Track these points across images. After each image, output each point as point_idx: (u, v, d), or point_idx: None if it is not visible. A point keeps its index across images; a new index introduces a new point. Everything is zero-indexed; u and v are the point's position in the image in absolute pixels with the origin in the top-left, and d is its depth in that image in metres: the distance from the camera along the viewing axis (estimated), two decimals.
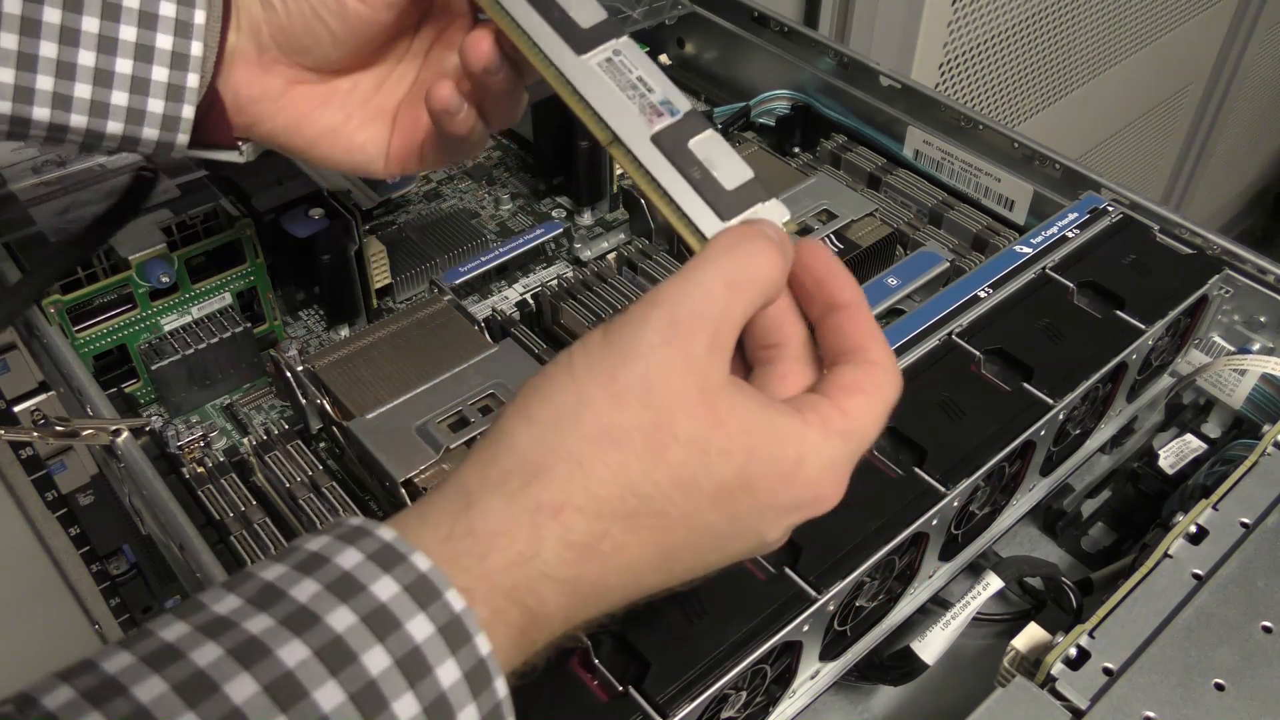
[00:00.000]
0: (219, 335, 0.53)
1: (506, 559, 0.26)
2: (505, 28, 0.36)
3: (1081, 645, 0.39)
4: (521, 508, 0.27)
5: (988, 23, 1.18)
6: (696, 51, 0.77)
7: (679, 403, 0.27)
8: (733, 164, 0.33)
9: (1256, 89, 1.85)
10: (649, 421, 0.27)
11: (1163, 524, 0.47)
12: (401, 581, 0.24)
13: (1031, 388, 0.46)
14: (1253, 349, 0.55)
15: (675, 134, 0.33)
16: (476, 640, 0.25)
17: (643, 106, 0.34)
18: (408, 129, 0.41)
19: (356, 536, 0.25)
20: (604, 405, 0.27)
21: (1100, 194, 0.57)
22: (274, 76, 0.40)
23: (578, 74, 0.35)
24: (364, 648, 0.23)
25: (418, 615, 0.24)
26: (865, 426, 0.30)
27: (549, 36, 0.35)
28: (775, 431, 0.28)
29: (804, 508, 0.30)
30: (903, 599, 0.45)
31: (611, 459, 0.27)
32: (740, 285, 0.29)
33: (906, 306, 0.55)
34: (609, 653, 0.36)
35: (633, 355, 0.27)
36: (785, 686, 0.41)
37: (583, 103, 0.34)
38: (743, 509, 0.28)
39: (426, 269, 0.60)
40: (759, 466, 0.28)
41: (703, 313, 0.28)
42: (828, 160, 0.68)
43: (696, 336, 0.28)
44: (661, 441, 0.27)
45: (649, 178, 0.33)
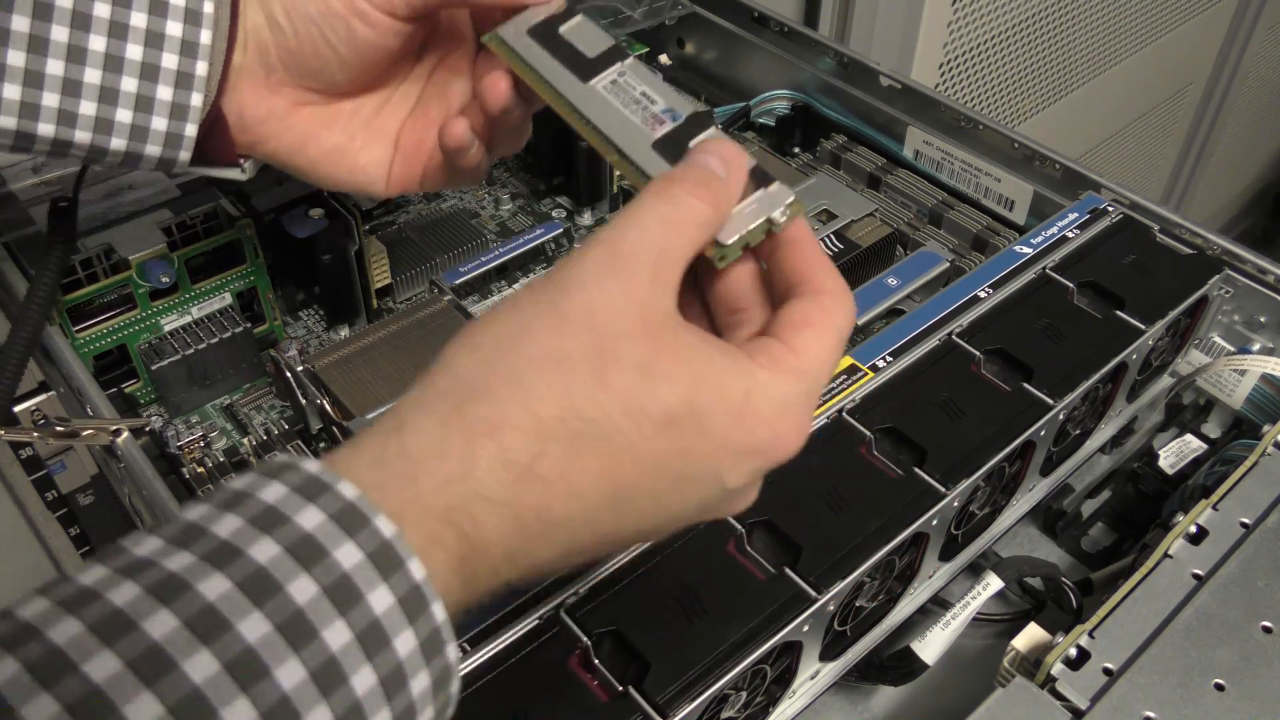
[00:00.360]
0: (219, 335, 0.53)
1: (438, 479, 0.26)
2: (515, 66, 0.37)
3: (1081, 645, 0.39)
4: (455, 427, 0.26)
5: (988, 23, 1.18)
6: (696, 51, 0.77)
7: (622, 329, 0.27)
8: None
9: (1256, 89, 1.85)
10: (592, 345, 0.27)
11: (1163, 524, 0.47)
12: (327, 510, 0.24)
13: (1031, 388, 0.46)
14: (1253, 349, 0.55)
15: (676, 137, 0.33)
16: (409, 565, 0.24)
17: (645, 118, 0.34)
18: (410, 151, 0.42)
19: (281, 471, 0.25)
20: (547, 329, 0.27)
21: (1100, 194, 0.58)
22: (280, 97, 0.40)
23: (584, 100, 0.35)
24: (289, 578, 0.23)
25: (346, 543, 0.23)
26: (819, 361, 0.30)
27: (557, 70, 0.36)
28: (721, 365, 0.28)
29: (763, 450, 0.29)
30: (903, 599, 0.45)
31: (553, 380, 0.27)
32: (675, 222, 0.29)
33: (906, 306, 0.55)
34: (609, 653, 0.36)
35: (575, 285, 0.27)
36: (785, 687, 0.41)
37: (589, 126, 0.35)
38: (695, 445, 0.28)
39: (426, 269, 0.60)
40: (706, 397, 0.27)
41: (641, 247, 0.28)
42: (828, 160, 0.68)
43: (638, 269, 0.28)
44: (605, 365, 0.27)
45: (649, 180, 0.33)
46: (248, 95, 0.40)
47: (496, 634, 0.36)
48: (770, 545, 0.40)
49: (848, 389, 0.45)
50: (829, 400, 0.45)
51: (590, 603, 0.37)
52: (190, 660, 0.21)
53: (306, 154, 0.41)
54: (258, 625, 0.22)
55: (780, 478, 0.41)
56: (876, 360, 0.47)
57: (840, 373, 0.46)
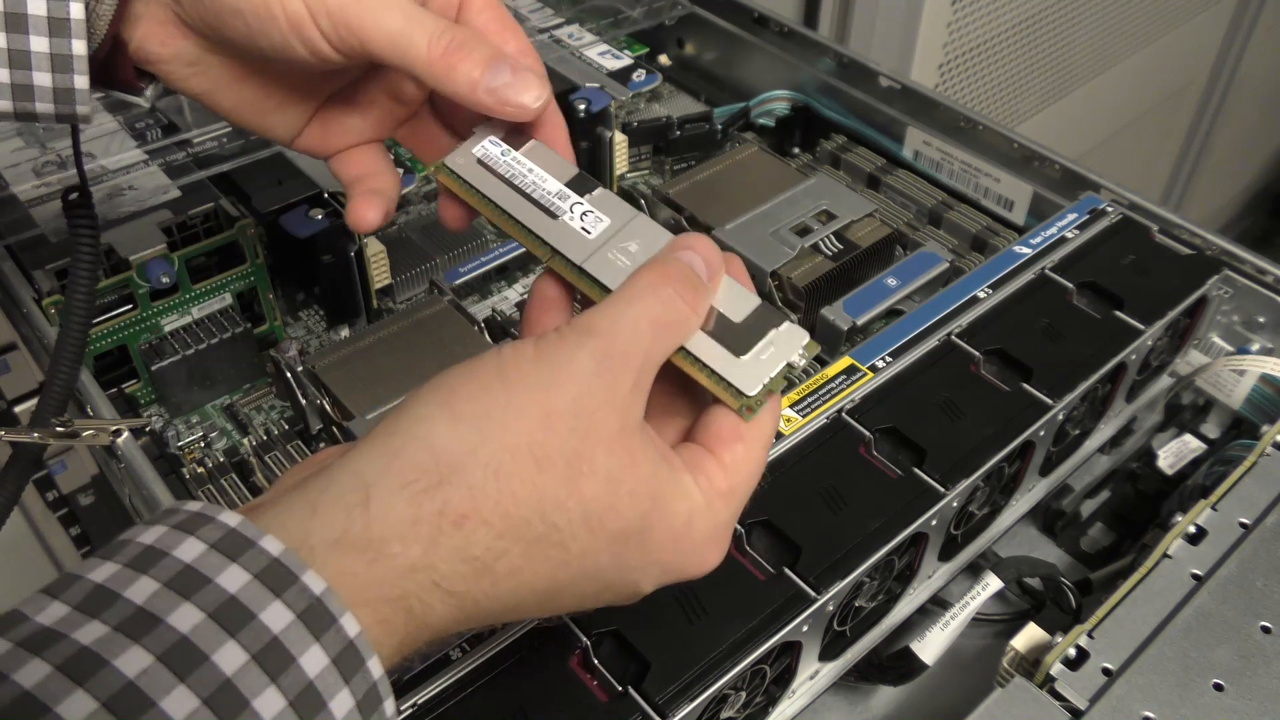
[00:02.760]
0: (219, 336, 0.53)
1: (399, 566, 0.25)
2: (471, 200, 0.35)
3: (1080, 645, 0.39)
4: (425, 510, 0.25)
5: (987, 23, 1.18)
6: (696, 52, 0.77)
7: (602, 435, 0.27)
8: (739, 294, 0.31)
9: (1255, 89, 1.85)
10: (573, 448, 0.26)
11: (1162, 524, 0.47)
12: (251, 569, 0.23)
13: (1031, 388, 0.46)
14: (1251, 349, 0.55)
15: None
16: (342, 621, 0.23)
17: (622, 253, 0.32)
18: (329, 126, 0.39)
19: (197, 525, 0.23)
20: (533, 420, 0.26)
21: (1099, 194, 0.58)
22: (190, 43, 0.36)
23: (561, 239, 0.33)
24: (214, 646, 0.21)
25: (273, 603, 0.22)
26: (747, 479, 0.30)
27: (522, 206, 0.34)
28: (672, 487, 0.28)
29: (686, 571, 0.30)
30: (902, 599, 0.45)
31: (530, 478, 0.26)
32: (664, 326, 0.29)
33: (906, 307, 0.55)
34: (608, 653, 0.36)
35: (566, 378, 0.27)
36: (785, 687, 0.41)
37: (568, 264, 0.32)
38: (634, 559, 0.28)
39: (426, 269, 0.60)
40: (658, 518, 0.28)
41: (633, 349, 0.28)
42: (827, 161, 0.68)
43: (626, 373, 0.27)
44: (580, 471, 0.26)
45: None
46: (150, 34, 0.36)
47: (496, 634, 0.36)
48: (770, 545, 0.40)
49: (847, 389, 0.45)
50: (829, 400, 0.45)
51: None
52: None
53: (219, 103, 0.38)
54: (184, 700, 0.21)
55: (780, 478, 0.42)
56: (876, 360, 0.47)
57: (840, 372, 0.46)
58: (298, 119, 0.39)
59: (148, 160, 0.57)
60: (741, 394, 0.30)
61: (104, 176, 0.55)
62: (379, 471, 0.26)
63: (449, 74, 0.33)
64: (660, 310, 0.29)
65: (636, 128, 0.68)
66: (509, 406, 0.26)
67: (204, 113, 0.61)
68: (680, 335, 0.29)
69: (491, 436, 0.26)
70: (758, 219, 0.58)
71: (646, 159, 0.70)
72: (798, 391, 0.45)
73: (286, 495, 0.26)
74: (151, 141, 0.58)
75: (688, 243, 0.31)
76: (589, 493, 0.27)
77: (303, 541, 0.24)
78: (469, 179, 0.35)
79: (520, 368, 0.27)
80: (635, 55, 0.73)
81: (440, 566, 0.25)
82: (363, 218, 0.38)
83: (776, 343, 0.30)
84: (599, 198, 0.34)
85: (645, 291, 0.29)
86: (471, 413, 0.26)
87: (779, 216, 0.58)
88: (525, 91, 0.33)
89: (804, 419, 0.44)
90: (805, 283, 0.54)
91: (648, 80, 0.71)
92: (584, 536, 0.27)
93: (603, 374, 0.27)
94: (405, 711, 0.34)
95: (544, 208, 0.33)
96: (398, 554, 0.25)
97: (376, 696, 0.24)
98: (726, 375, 0.30)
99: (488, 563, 0.26)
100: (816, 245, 0.56)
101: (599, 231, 0.33)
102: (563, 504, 0.26)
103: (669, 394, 0.31)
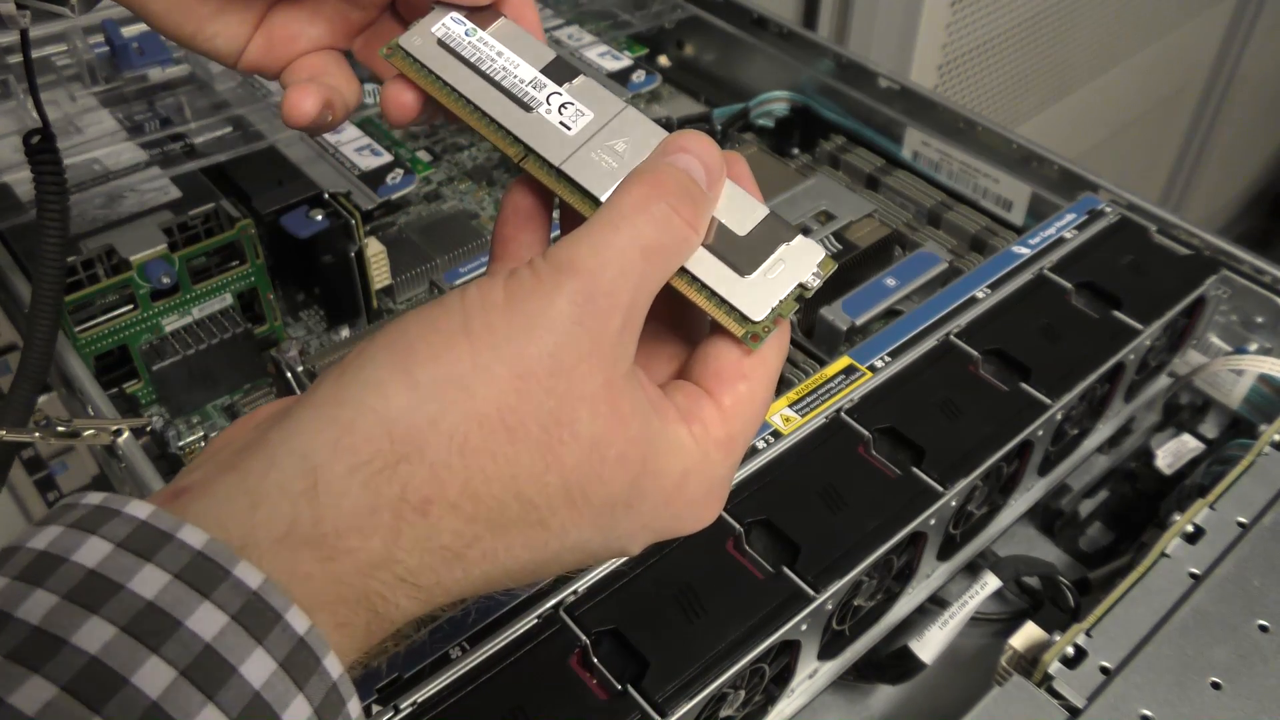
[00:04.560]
0: (220, 336, 0.53)
1: (358, 563, 0.21)
2: (428, 86, 0.30)
3: (1079, 644, 0.39)
4: (384, 496, 0.22)
5: (986, 24, 1.18)
6: (696, 53, 0.78)
7: (584, 393, 0.23)
8: (744, 202, 0.27)
9: (1255, 90, 1.85)
10: (550, 413, 0.23)
11: (1160, 524, 0.48)
12: (170, 567, 0.19)
13: (1029, 388, 0.46)
14: (1250, 349, 0.55)
15: None
16: (288, 617, 0.20)
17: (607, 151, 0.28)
18: (277, 40, 0.34)
19: (100, 521, 0.20)
20: (503, 383, 0.22)
21: (1098, 195, 0.58)
22: None
23: (534, 134, 0.28)
24: (132, 666, 0.18)
25: (201, 605, 0.19)
26: (750, 424, 0.26)
27: (489, 95, 0.29)
28: (667, 442, 0.25)
29: (679, 531, 0.26)
30: (901, 598, 0.45)
31: (501, 450, 0.22)
32: (657, 250, 0.24)
33: (905, 307, 0.55)
34: (608, 651, 0.36)
35: (543, 329, 0.23)
36: (783, 685, 0.41)
37: (538, 159, 0.28)
38: (621, 527, 0.25)
39: (427, 270, 0.60)
40: (649, 481, 0.25)
41: (621, 286, 0.24)
42: (826, 161, 0.68)
43: (613, 314, 0.23)
44: (560, 439, 0.23)
45: None
46: None
47: (495, 633, 0.36)
48: (769, 544, 0.40)
49: (846, 389, 0.46)
50: (828, 400, 0.45)
51: (589, 602, 0.37)
52: None
53: (147, 5, 0.33)
54: None
55: (779, 477, 0.42)
56: (875, 360, 0.47)
57: (839, 372, 0.46)
58: (240, 29, 0.34)
59: (148, 161, 0.57)
60: (747, 319, 0.26)
61: (105, 177, 0.55)
62: (326, 450, 0.22)
63: None
64: (653, 232, 0.24)
65: None
66: (476, 367, 0.22)
67: (202, 109, 0.61)
68: (677, 259, 0.25)
69: (456, 404, 0.22)
70: None
71: None
72: (796, 391, 0.45)
73: (219, 479, 0.22)
74: (150, 133, 0.58)
75: (683, 143, 0.26)
76: (570, 462, 0.23)
77: (245, 539, 0.21)
78: (427, 62, 0.30)
79: (488, 318, 0.23)
80: (635, 56, 0.74)
81: (405, 560, 0.22)
82: (296, 105, 0.32)
83: (787, 259, 0.26)
84: (581, 87, 0.29)
85: (634, 210, 0.24)
86: (431, 377, 0.22)
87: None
88: None
89: (803, 418, 0.44)
90: None
91: (647, 81, 0.71)
92: (565, 512, 0.23)
93: (585, 320, 0.23)
94: (405, 710, 0.34)
95: (516, 98, 0.29)
96: (356, 549, 0.21)
97: (338, 699, 0.20)
98: (730, 298, 0.26)
99: (458, 551, 0.23)
100: None
101: (580, 127, 0.28)
102: (540, 478, 0.23)
103: (660, 320, 0.28)
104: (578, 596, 0.38)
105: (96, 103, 0.60)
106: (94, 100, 0.60)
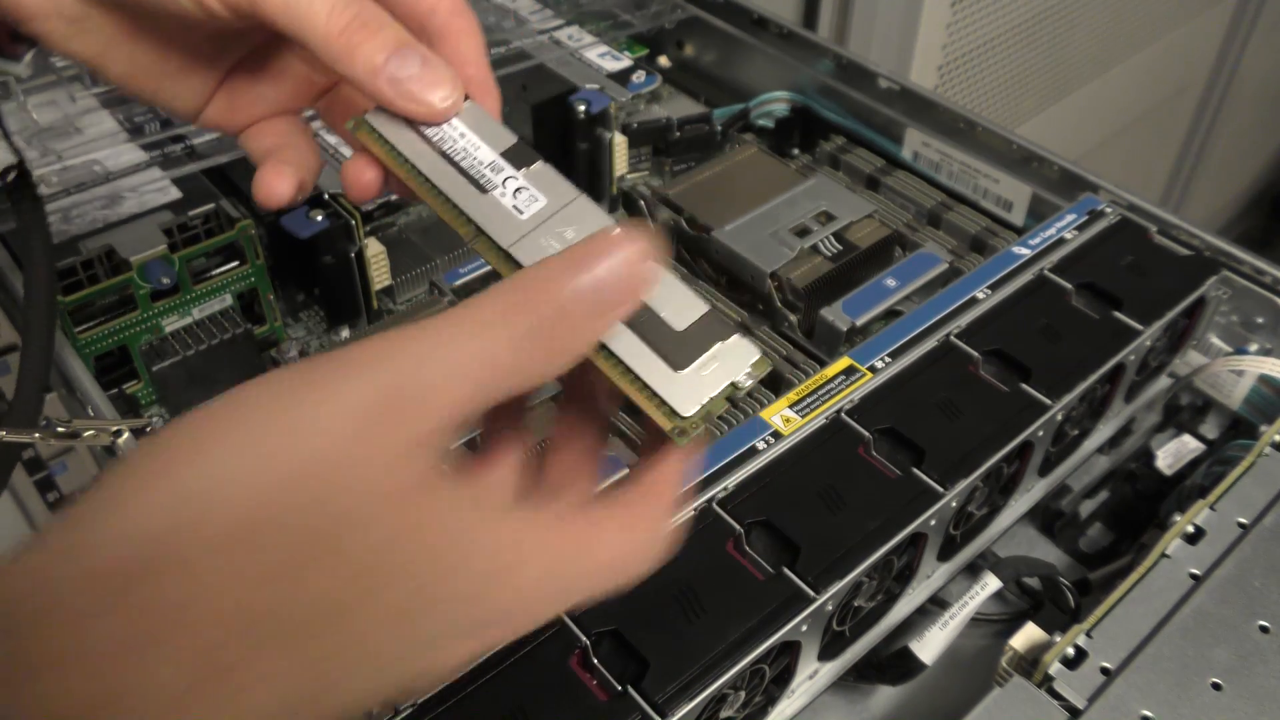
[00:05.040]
0: (220, 336, 0.53)
1: None
2: (391, 163, 0.31)
3: (1079, 645, 0.39)
4: None
5: (986, 25, 1.18)
6: (696, 53, 0.78)
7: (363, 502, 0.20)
8: (684, 297, 0.27)
9: (1255, 90, 1.85)
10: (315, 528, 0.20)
11: (1160, 524, 0.47)
12: None
13: (1029, 389, 0.46)
14: (1250, 350, 0.55)
15: None
16: None
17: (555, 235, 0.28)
18: (237, 96, 0.34)
19: None
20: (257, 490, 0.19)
21: (1098, 195, 0.58)
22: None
23: (488, 218, 0.29)
24: None
25: None
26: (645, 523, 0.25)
27: (449, 177, 0.30)
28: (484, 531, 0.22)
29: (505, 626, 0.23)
30: (901, 599, 0.45)
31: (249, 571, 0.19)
32: (501, 373, 0.22)
33: (905, 307, 0.55)
34: (607, 652, 0.36)
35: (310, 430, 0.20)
36: (784, 686, 0.41)
37: (493, 246, 0.29)
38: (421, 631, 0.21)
39: (427, 270, 0.60)
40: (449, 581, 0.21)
41: (433, 405, 0.21)
42: (826, 162, 0.68)
43: (411, 427, 0.21)
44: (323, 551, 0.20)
45: None
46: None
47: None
48: (769, 545, 0.40)
49: (846, 389, 0.46)
50: (828, 400, 0.45)
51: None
52: None
53: (110, 69, 0.33)
54: None
55: (779, 478, 0.42)
56: (875, 361, 0.47)
57: (839, 373, 0.46)
58: (201, 88, 0.34)
59: (148, 162, 0.57)
60: (676, 414, 0.25)
61: (106, 178, 0.55)
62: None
63: (348, 54, 0.29)
64: (506, 356, 0.22)
65: (636, 129, 0.68)
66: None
67: None
68: (525, 383, 0.22)
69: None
70: (757, 220, 0.58)
71: (646, 160, 0.70)
72: (796, 392, 0.45)
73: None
74: (150, 135, 0.58)
75: (606, 247, 0.23)
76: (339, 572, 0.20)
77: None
78: (391, 138, 0.30)
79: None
80: (635, 57, 0.74)
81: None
82: (271, 189, 0.33)
83: (721, 358, 0.26)
84: (537, 173, 0.29)
85: (494, 320, 0.22)
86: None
87: (778, 217, 0.58)
88: (434, 88, 0.29)
89: (803, 419, 0.44)
90: (804, 284, 0.54)
91: (647, 81, 0.71)
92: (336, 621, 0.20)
93: (366, 434, 0.20)
94: (405, 710, 0.34)
95: (473, 179, 0.29)
96: None
97: None
98: (661, 391, 0.25)
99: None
100: (816, 246, 0.56)
101: (532, 212, 0.29)
102: (293, 595, 0.20)
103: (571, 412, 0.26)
104: None
105: (97, 103, 0.60)
106: (94, 101, 0.60)
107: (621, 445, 0.47)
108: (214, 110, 0.34)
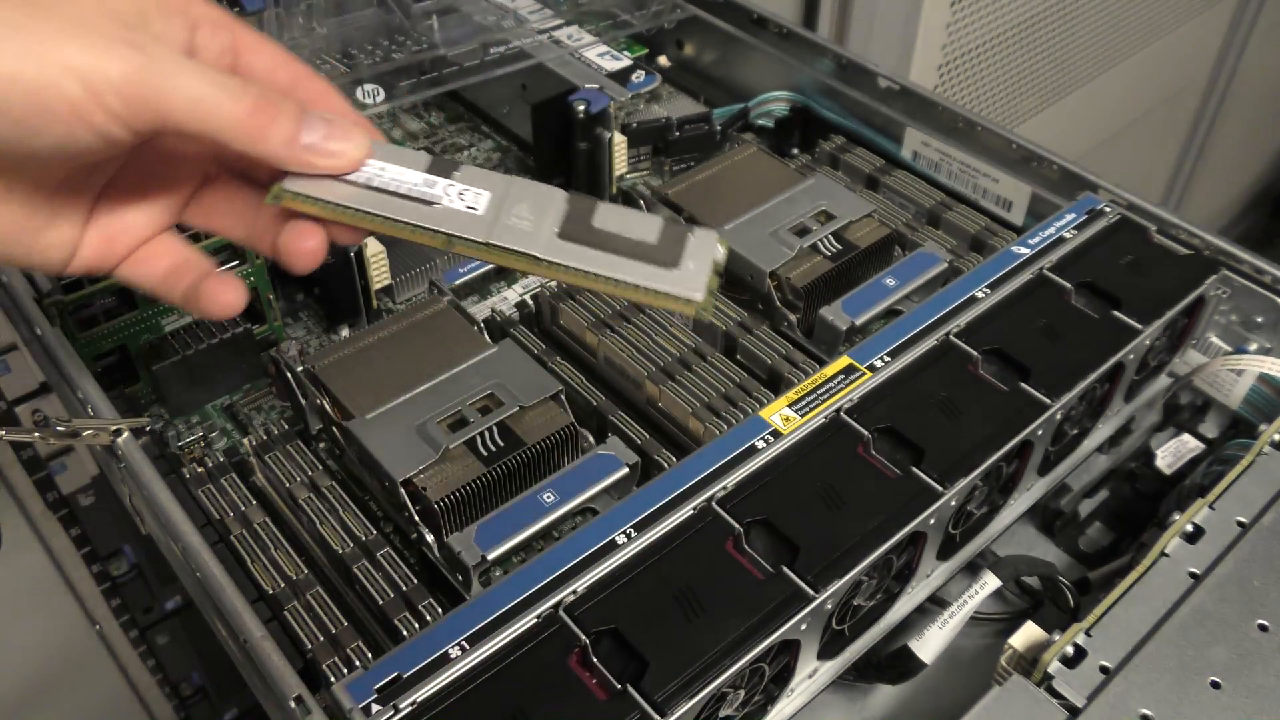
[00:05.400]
0: (219, 336, 0.53)
1: None
2: (328, 214, 0.33)
3: (1078, 644, 0.39)
4: None
5: (986, 25, 1.18)
6: (695, 53, 0.78)
7: None
8: (641, 219, 0.33)
9: (1255, 90, 1.85)
10: None
11: (1159, 523, 0.47)
12: None
13: (1029, 388, 0.46)
14: (1249, 349, 0.55)
15: (575, 223, 0.33)
16: None
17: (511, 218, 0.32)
18: (110, 228, 0.34)
19: None
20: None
21: (1097, 195, 0.58)
22: None
23: (443, 221, 0.33)
24: None
25: None
26: None
27: (395, 204, 0.33)
28: None
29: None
30: (900, 598, 0.45)
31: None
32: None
33: (905, 307, 0.55)
34: (607, 651, 0.36)
35: None
36: (783, 685, 0.41)
37: (450, 238, 0.33)
38: None
39: (426, 269, 0.60)
40: None
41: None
42: (826, 161, 0.68)
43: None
44: None
45: (583, 274, 0.32)
46: None
47: (495, 632, 0.36)
48: (768, 544, 0.40)
49: (846, 388, 0.46)
50: (828, 399, 0.45)
51: (588, 601, 0.37)
52: None
53: None
54: None
55: (778, 477, 0.42)
56: (874, 360, 0.47)
57: (838, 372, 0.46)
58: (71, 231, 0.33)
59: None
60: (691, 300, 0.32)
61: None
62: None
63: (261, 135, 0.31)
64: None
65: (636, 129, 0.68)
66: None
67: None
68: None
69: None
70: (757, 219, 0.58)
71: (646, 160, 0.70)
72: (796, 391, 0.45)
73: None
74: None
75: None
76: None
77: None
78: (323, 196, 0.32)
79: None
80: (634, 56, 0.74)
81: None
82: (227, 301, 0.35)
83: (696, 248, 0.33)
84: (467, 174, 0.33)
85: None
86: None
87: (778, 217, 0.58)
88: (346, 140, 0.32)
89: (802, 418, 0.44)
90: (804, 283, 0.54)
91: (647, 81, 0.71)
92: None
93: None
94: (405, 710, 0.34)
95: (417, 199, 0.32)
96: None
97: None
98: (672, 290, 0.32)
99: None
100: (815, 246, 0.56)
101: (485, 205, 0.32)
102: None
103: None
104: (577, 596, 0.38)
105: None
106: None
107: (621, 445, 0.47)
108: (89, 250, 0.34)
